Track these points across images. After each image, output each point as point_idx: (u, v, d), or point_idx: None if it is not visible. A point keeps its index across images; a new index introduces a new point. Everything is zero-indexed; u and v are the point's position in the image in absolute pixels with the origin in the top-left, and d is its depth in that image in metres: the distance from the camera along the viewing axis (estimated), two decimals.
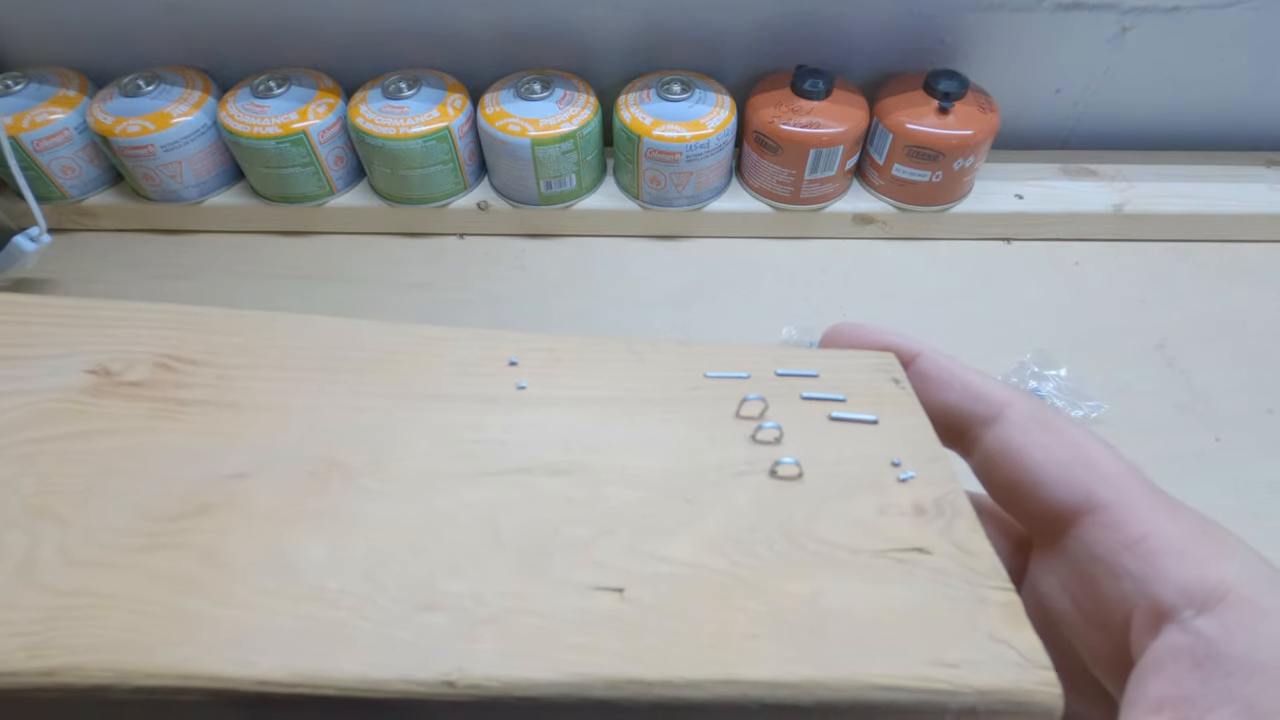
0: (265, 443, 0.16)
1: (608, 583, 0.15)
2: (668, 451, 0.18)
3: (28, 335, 0.17)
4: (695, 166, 0.61)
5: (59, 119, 0.60)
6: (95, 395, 0.17)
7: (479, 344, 0.19)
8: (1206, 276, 0.65)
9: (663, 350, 0.20)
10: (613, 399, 0.19)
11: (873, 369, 0.20)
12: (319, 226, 0.67)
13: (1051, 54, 0.65)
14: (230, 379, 0.18)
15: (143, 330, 0.18)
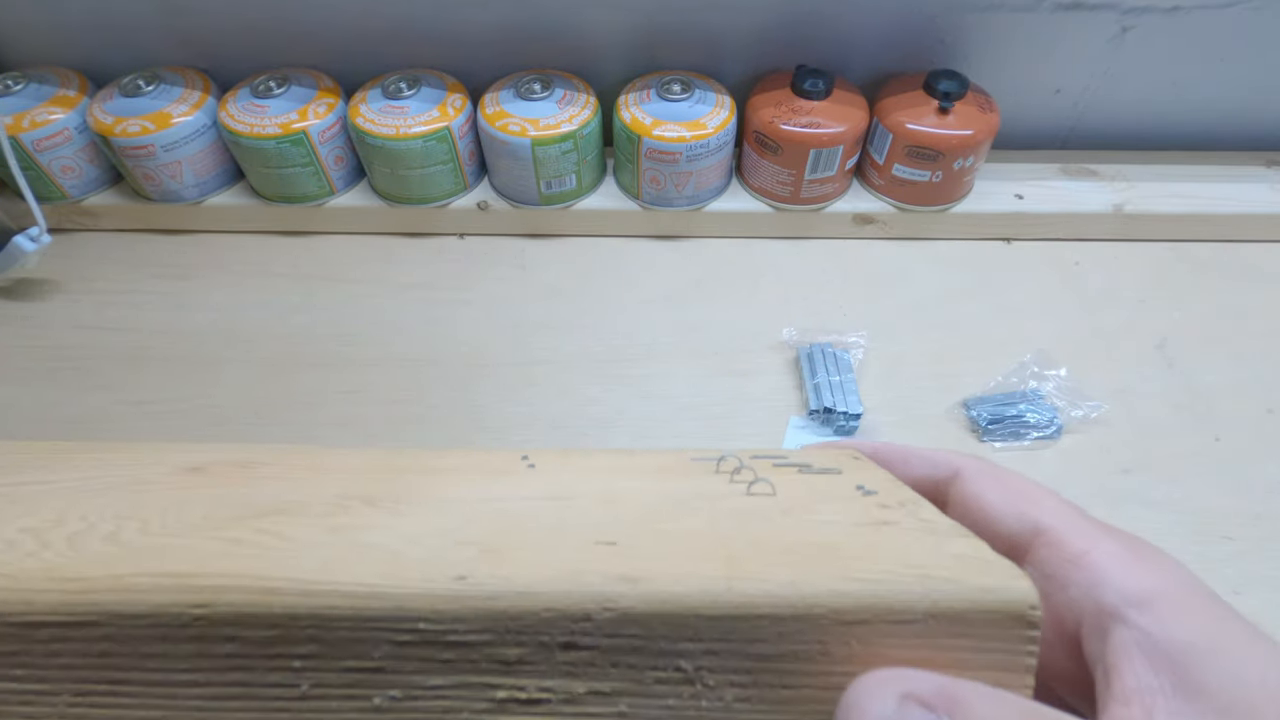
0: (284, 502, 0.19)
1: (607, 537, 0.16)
2: (653, 489, 0.20)
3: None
4: (695, 166, 0.61)
5: (59, 119, 0.60)
6: (192, 473, 0.20)
7: (497, 458, 0.22)
8: (1206, 276, 0.65)
9: (648, 456, 0.23)
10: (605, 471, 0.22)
11: (837, 449, 0.24)
12: (319, 226, 0.67)
13: (1051, 54, 0.65)
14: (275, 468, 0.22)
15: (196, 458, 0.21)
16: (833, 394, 0.54)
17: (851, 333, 0.59)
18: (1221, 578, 0.47)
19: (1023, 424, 0.53)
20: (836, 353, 0.57)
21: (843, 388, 0.54)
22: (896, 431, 0.54)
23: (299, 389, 0.57)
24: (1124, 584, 0.17)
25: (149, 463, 0.20)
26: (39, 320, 0.61)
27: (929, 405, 0.55)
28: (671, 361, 0.58)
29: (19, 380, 0.57)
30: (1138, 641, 0.16)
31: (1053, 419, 0.53)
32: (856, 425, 0.54)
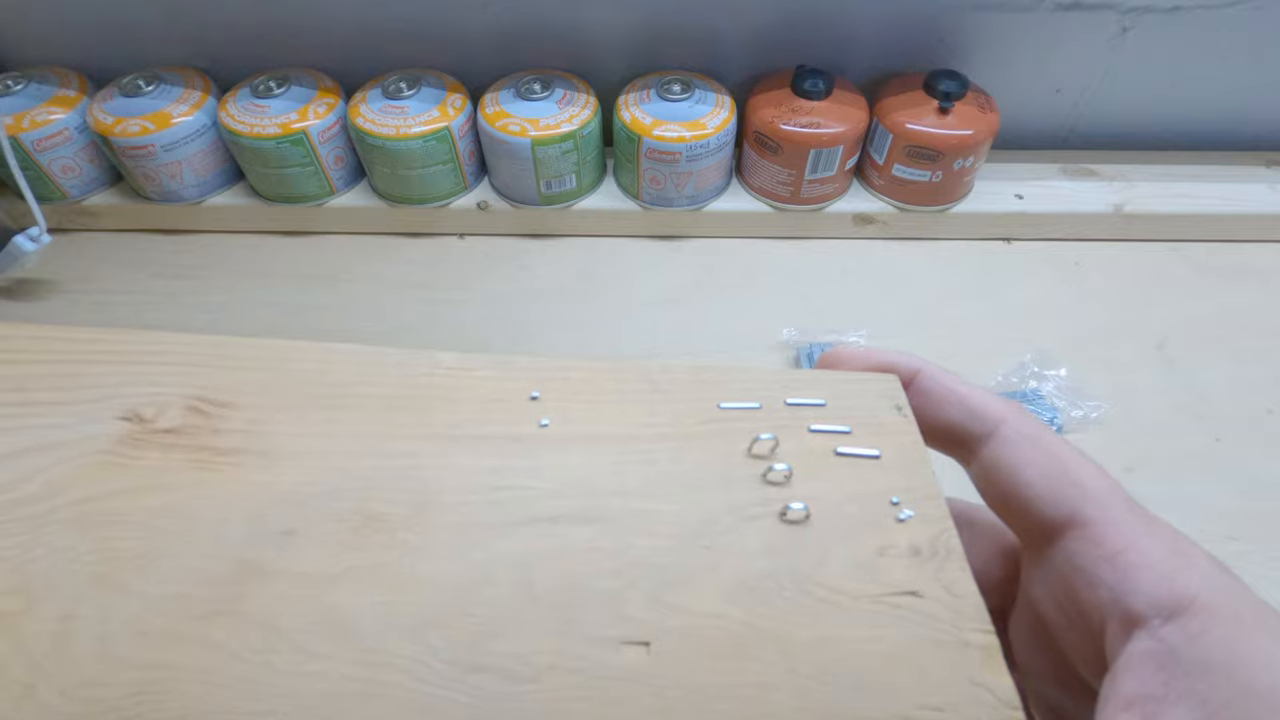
0: (304, 495, 0.17)
1: (635, 637, 0.16)
2: (684, 493, 0.18)
3: (55, 377, 0.17)
4: (695, 166, 0.61)
5: (59, 119, 0.60)
6: (133, 446, 0.17)
7: (497, 375, 0.19)
8: (1206, 276, 0.65)
9: (677, 378, 0.20)
10: (631, 435, 0.19)
11: (876, 395, 0.21)
12: (319, 226, 0.67)
13: (1051, 54, 0.65)
14: (260, 422, 0.18)
15: (168, 366, 0.18)
16: None
17: (851, 333, 0.59)
18: None
19: None
20: None
21: None
22: None
23: None
24: (1155, 591, 0.16)
25: None
26: (39, 320, 0.61)
27: None
28: (671, 361, 0.58)
29: None
30: (1154, 652, 0.16)
31: (1053, 419, 0.53)
32: None
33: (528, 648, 0.15)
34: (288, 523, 0.16)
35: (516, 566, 0.16)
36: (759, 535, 0.18)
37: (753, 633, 0.16)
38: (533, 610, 0.16)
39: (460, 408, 0.19)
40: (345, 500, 0.17)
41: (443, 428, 0.18)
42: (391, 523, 0.16)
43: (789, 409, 0.20)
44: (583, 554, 0.17)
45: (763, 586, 0.17)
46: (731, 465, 0.19)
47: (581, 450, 0.18)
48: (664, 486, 0.18)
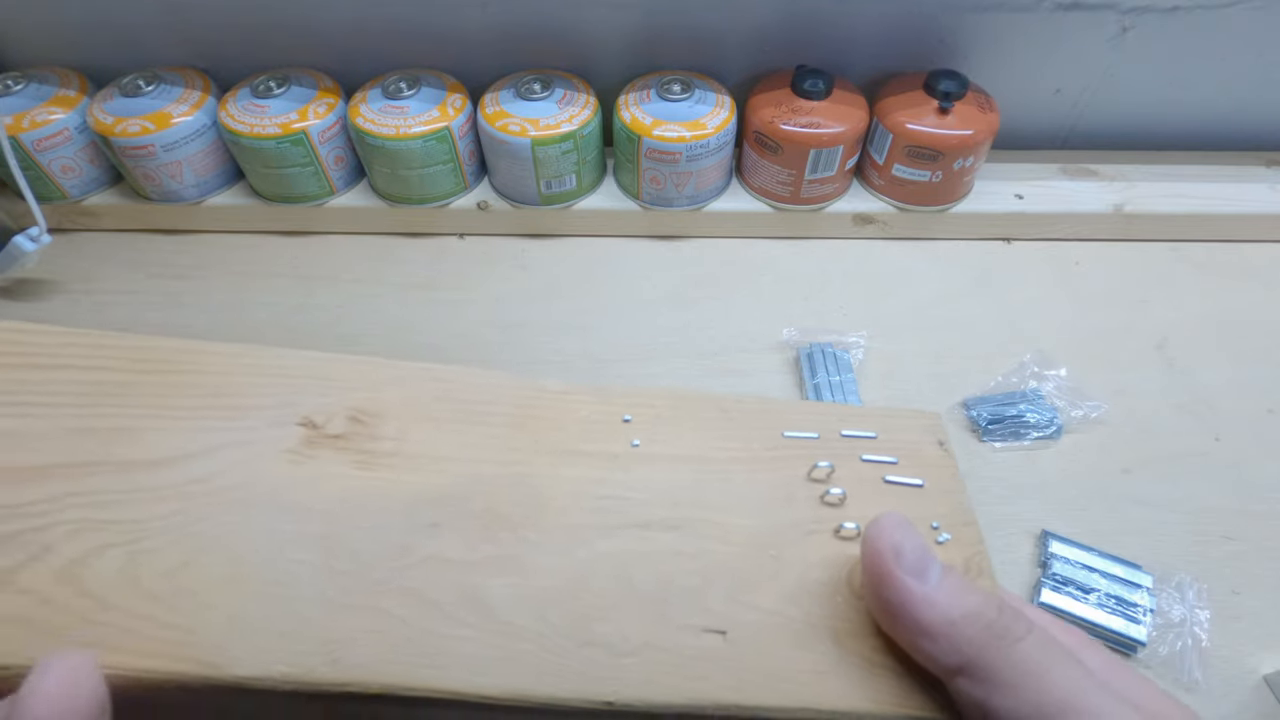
0: (445, 495, 0.20)
1: (714, 626, 0.19)
2: (754, 509, 0.21)
3: (246, 387, 0.21)
4: (695, 166, 0.61)
5: (59, 119, 0.60)
6: (309, 446, 0.20)
7: (596, 402, 0.23)
8: (1206, 276, 0.65)
9: (747, 409, 0.24)
10: (708, 457, 0.22)
11: (922, 430, 0.24)
12: (319, 226, 0.67)
13: (1051, 54, 0.65)
14: (406, 432, 0.21)
15: (331, 382, 0.22)
16: (833, 394, 0.54)
17: (851, 333, 0.59)
18: (1221, 578, 0.47)
19: (1023, 424, 0.53)
20: (836, 353, 0.57)
21: (843, 388, 0.54)
22: None
23: None
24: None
25: None
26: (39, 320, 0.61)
27: (929, 405, 0.55)
28: (671, 361, 0.58)
29: None
30: None
31: (1053, 419, 0.53)
32: None
33: (627, 629, 0.19)
34: (434, 517, 0.20)
35: (616, 563, 0.20)
36: (817, 548, 0.21)
37: (809, 628, 0.19)
38: (631, 599, 0.19)
39: (566, 428, 0.22)
40: (477, 501, 0.20)
41: (552, 444, 0.22)
42: (514, 521, 0.20)
43: (844, 440, 0.24)
44: (670, 556, 0.20)
45: (819, 592, 0.20)
46: (793, 487, 0.22)
47: (667, 468, 0.22)
48: (737, 502, 0.21)
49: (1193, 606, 0.45)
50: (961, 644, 0.18)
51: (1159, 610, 0.45)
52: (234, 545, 0.18)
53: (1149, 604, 0.45)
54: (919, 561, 0.18)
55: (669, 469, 0.22)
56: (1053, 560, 0.47)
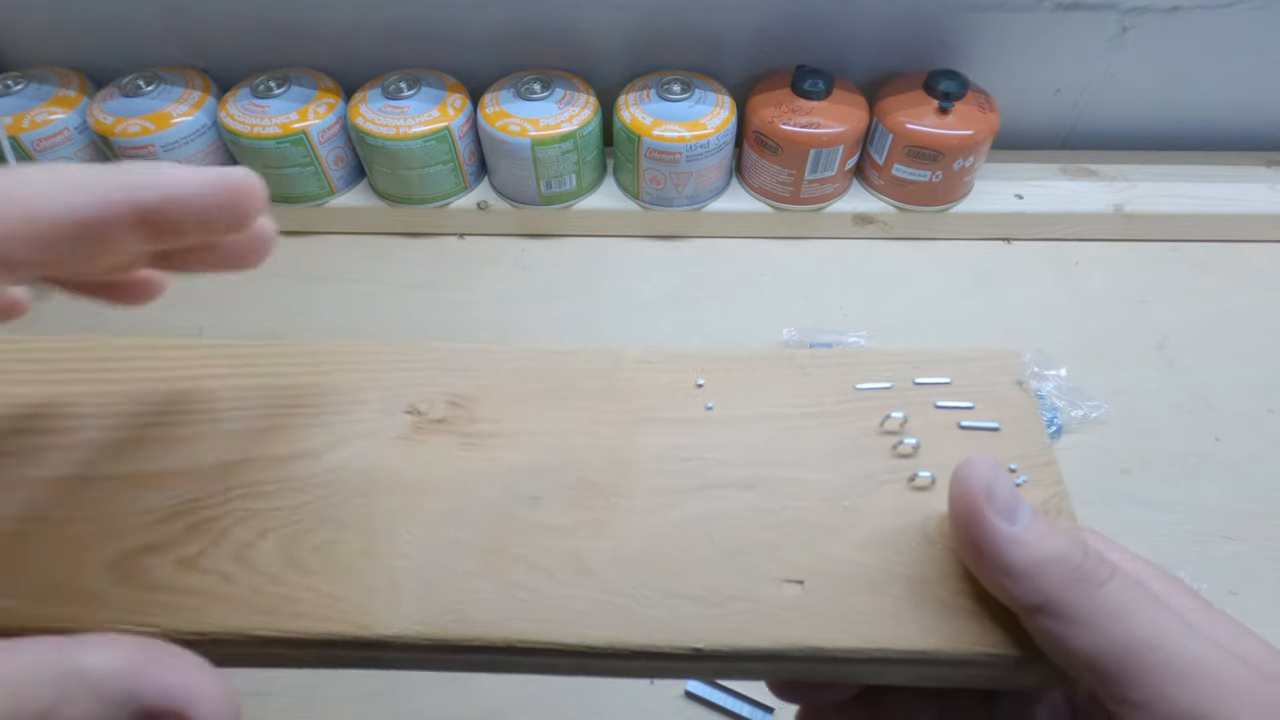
0: (541, 468, 0.22)
1: (792, 576, 0.21)
2: (827, 463, 0.22)
3: (359, 381, 0.24)
4: (695, 166, 0.61)
5: (59, 119, 0.60)
6: (418, 432, 0.23)
7: (673, 367, 0.24)
8: (1206, 276, 0.65)
9: (821, 362, 0.25)
10: (781, 414, 0.23)
11: (998, 370, 0.24)
12: (319, 226, 0.67)
13: (1051, 54, 0.65)
14: (503, 413, 0.23)
15: (431, 371, 0.24)
16: None
17: (851, 333, 0.59)
18: (1221, 578, 0.47)
19: None
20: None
21: None
22: None
23: None
24: None
25: None
26: (39, 320, 0.61)
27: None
28: None
29: None
30: None
31: (1053, 419, 0.53)
32: None
33: (712, 583, 0.20)
34: (533, 490, 0.22)
35: (700, 523, 0.21)
36: (891, 498, 0.22)
37: (885, 575, 0.21)
38: (714, 556, 0.21)
39: (647, 395, 0.24)
40: (570, 473, 0.22)
41: (636, 412, 0.23)
42: (605, 489, 0.22)
43: (917, 388, 0.24)
44: (748, 513, 0.22)
45: (894, 540, 0.21)
46: (866, 439, 0.23)
47: (743, 428, 0.23)
48: (810, 458, 0.23)
49: None
50: (1045, 585, 0.18)
51: None
52: (367, 524, 0.21)
53: None
54: (1009, 503, 0.19)
55: (744, 430, 0.23)
56: None
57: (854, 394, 0.24)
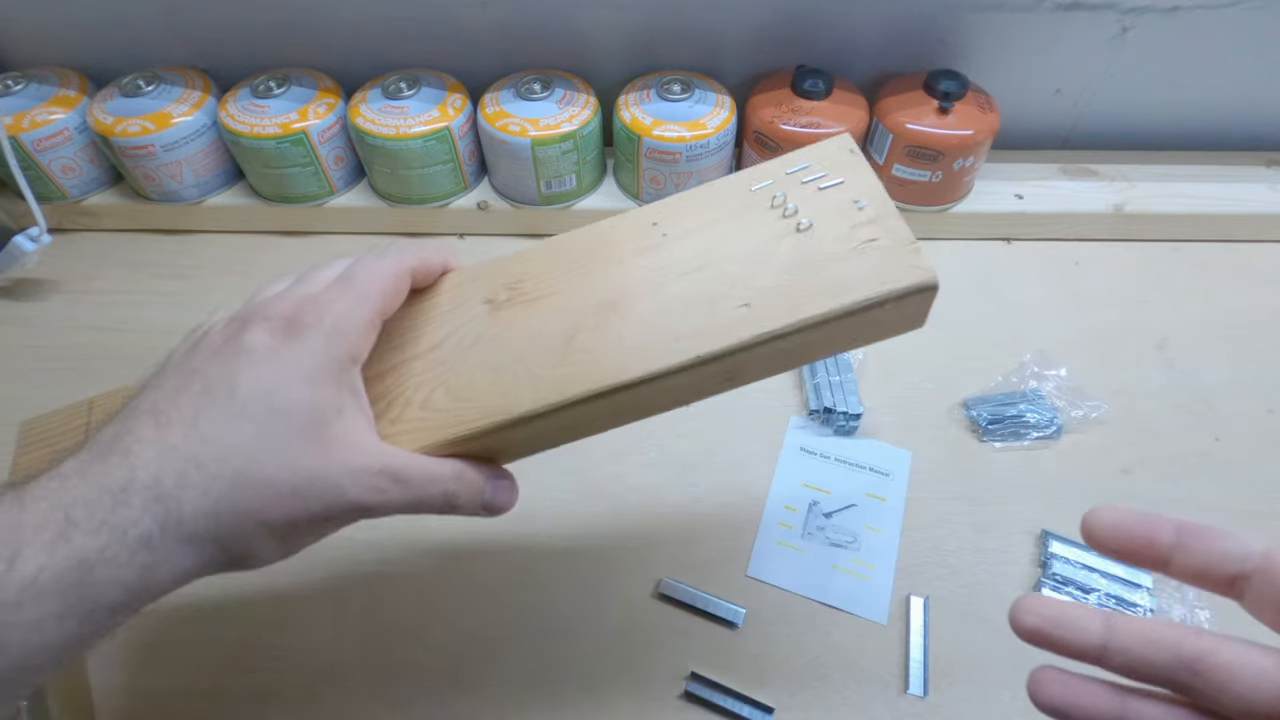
0: (577, 306, 0.33)
1: (743, 302, 0.32)
2: (745, 238, 0.34)
3: (456, 294, 0.35)
4: (695, 166, 0.61)
5: (59, 119, 0.60)
6: (496, 310, 0.34)
7: (638, 218, 0.36)
8: (1206, 276, 0.65)
9: (722, 183, 0.36)
10: (710, 221, 0.35)
11: (836, 149, 0.36)
12: (319, 226, 0.67)
13: (1051, 54, 0.65)
14: (541, 284, 0.35)
15: (488, 276, 0.36)
16: (833, 394, 0.54)
17: None
18: None
19: (1023, 424, 0.53)
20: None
21: (843, 388, 0.54)
22: (896, 432, 0.54)
23: None
24: None
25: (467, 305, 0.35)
26: (39, 320, 0.61)
27: (929, 405, 0.55)
28: None
29: (19, 380, 0.57)
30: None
31: (1053, 419, 0.53)
32: (856, 425, 0.53)
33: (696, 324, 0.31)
34: (575, 315, 0.33)
35: (679, 296, 0.33)
36: (790, 242, 0.33)
37: (796, 285, 0.32)
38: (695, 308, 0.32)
39: (626, 238, 0.35)
40: (593, 298, 0.33)
41: (620, 255, 0.34)
42: (616, 302, 0.33)
43: (788, 175, 0.35)
44: (706, 281, 0.33)
45: (798, 264, 0.32)
46: (765, 215, 0.34)
47: (688, 239, 0.34)
48: (733, 237, 0.34)
49: (1193, 606, 0.45)
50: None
51: (1159, 610, 0.45)
52: (488, 363, 0.33)
53: (1149, 604, 0.45)
54: None
55: (689, 239, 0.34)
56: (1053, 560, 0.47)
57: (751, 193, 0.35)
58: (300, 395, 0.27)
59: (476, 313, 0.34)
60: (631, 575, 0.47)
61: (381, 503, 0.28)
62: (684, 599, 0.46)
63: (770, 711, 0.42)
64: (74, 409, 0.42)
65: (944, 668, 0.44)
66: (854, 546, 0.49)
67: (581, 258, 0.35)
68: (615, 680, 0.44)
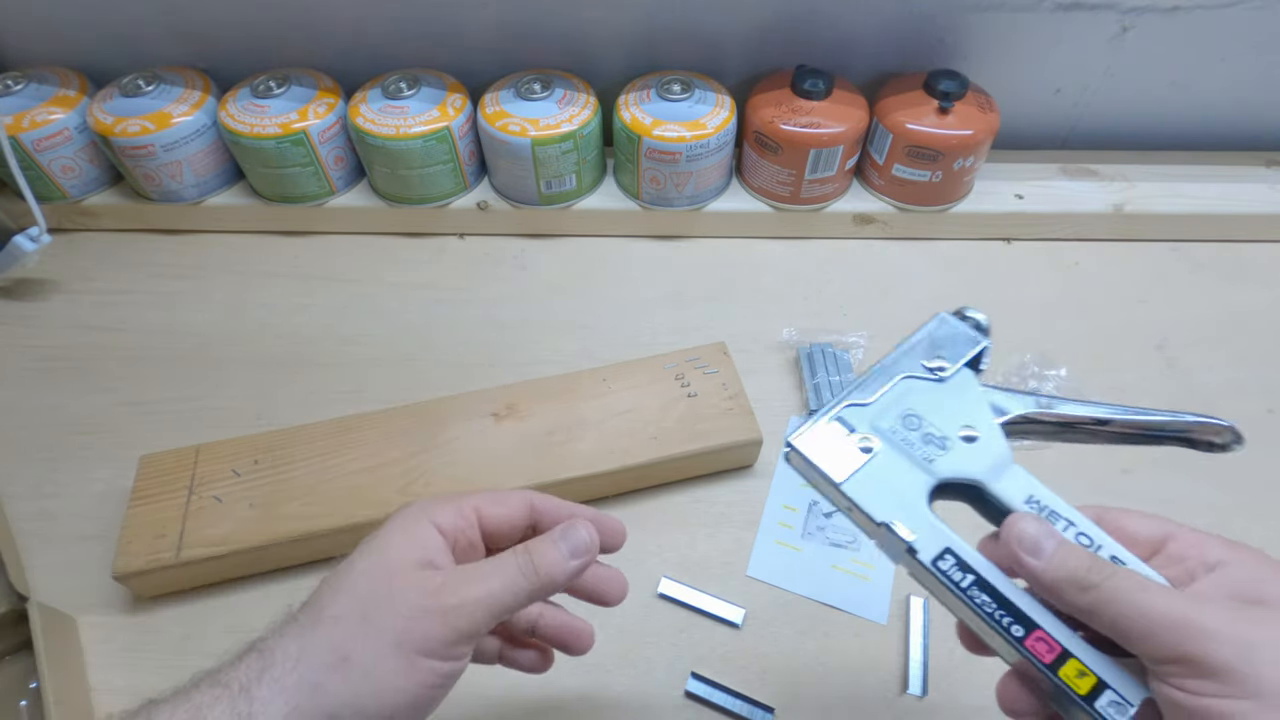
0: (550, 425, 0.50)
1: (653, 435, 0.50)
2: (656, 397, 0.51)
3: (470, 407, 0.51)
4: (695, 166, 0.61)
5: (59, 119, 0.60)
6: (497, 420, 0.50)
7: (591, 377, 0.52)
8: (1206, 276, 0.65)
9: (649, 360, 0.53)
10: (638, 385, 0.52)
11: (716, 350, 0.54)
12: (319, 226, 0.67)
13: (1051, 54, 0.65)
14: (531, 407, 0.51)
15: (493, 398, 0.51)
16: (833, 394, 0.54)
17: (851, 333, 0.59)
18: None
19: None
20: (836, 353, 0.57)
21: (843, 388, 0.54)
22: None
23: (299, 389, 0.57)
24: (1220, 552, 0.26)
25: None
26: (39, 320, 0.61)
27: None
28: None
29: (19, 380, 0.57)
30: (1216, 581, 0.25)
31: None
32: None
33: (626, 444, 0.49)
34: (548, 432, 0.50)
35: (616, 426, 0.50)
36: (684, 403, 0.51)
37: (685, 429, 0.50)
38: (623, 433, 0.50)
39: (582, 388, 0.52)
40: (561, 425, 0.50)
41: (582, 395, 0.52)
42: (575, 428, 0.50)
43: (688, 361, 0.53)
44: (632, 421, 0.50)
45: (687, 417, 0.50)
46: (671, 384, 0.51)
47: (621, 394, 0.52)
48: (652, 398, 0.51)
49: None
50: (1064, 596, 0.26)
51: None
52: (479, 460, 0.48)
53: None
54: (1035, 544, 0.27)
55: (621, 394, 0.51)
56: None
57: (664, 370, 0.52)
58: None
59: (483, 423, 0.50)
60: (631, 575, 0.47)
61: None
62: (684, 599, 0.46)
63: (770, 711, 0.42)
64: (183, 453, 0.48)
65: (944, 668, 0.44)
66: (854, 547, 0.49)
67: (558, 393, 0.51)
68: (615, 680, 0.44)
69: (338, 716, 0.25)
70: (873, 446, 0.30)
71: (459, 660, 0.28)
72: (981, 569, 0.28)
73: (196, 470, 0.47)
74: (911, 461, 0.30)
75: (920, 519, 0.29)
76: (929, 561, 0.28)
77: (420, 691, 0.27)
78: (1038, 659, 0.26)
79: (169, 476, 0.47)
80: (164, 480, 0.47)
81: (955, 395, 0.32)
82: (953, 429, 0.31)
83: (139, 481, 0.47)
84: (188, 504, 0.46)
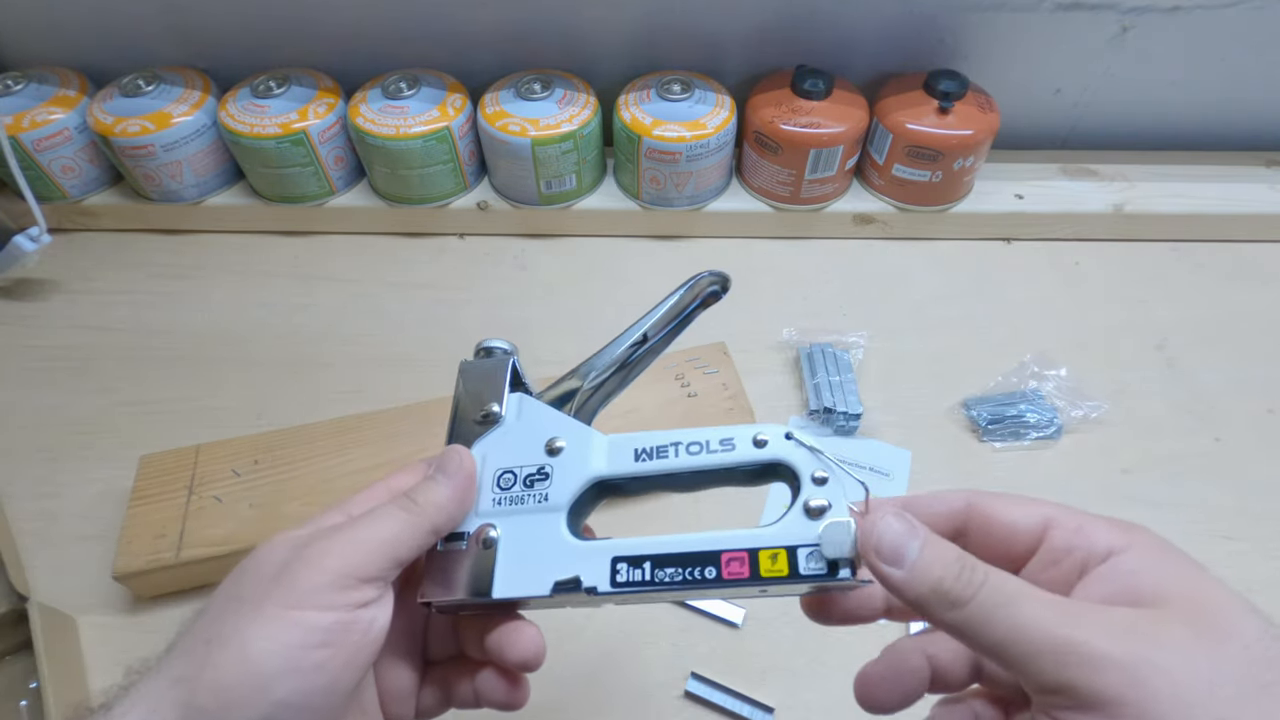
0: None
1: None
2: (660, 397, 0.51)
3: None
4: (695, 166, 0.61)
5: (59, 119, 0.60)
6: None
7: None
8: (1206, 276, 0.65)
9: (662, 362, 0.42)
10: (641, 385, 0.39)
11: (717, 350, 0.54)
12: (319, 226, 0.67)
13: (1051, 54, 0.65)
14: None
15: None
16: (833, 394, 0.54)
17: (851, 333, 0.59)
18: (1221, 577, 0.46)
19: (1023, 424, 0.53)
20: (836, 353, 0.57)
21: (843, 388, 0.54)
22: (896, 431, 0.54)
23: (299, 389, 0.57)
24: (1109, 540, 0.23)
25: None
26: (39, 320, 0.61)
27: (929, 405, 0.55)
28: None
29: (19, 380, 0.57)
30: (1104, 578, 0.22)
31: (1053, 419, 0.53)
32: (856, 425, 0.53)
33: None
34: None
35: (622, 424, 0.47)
36: (684, 403, 0.51)
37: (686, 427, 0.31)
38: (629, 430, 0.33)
39: None
40: None
41: None
42: None
43: (689, 362, 0.53)
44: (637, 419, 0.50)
45: (687, 414, 0.50)
46: (672, 385, 0.52)
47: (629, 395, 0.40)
48: (655, 397, 0.52)
49: None
50: (931, 611, 0.22)
51: None
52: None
53: None
54: (895, 551, 0.23)
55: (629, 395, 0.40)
56: None
57: (666, 370, 0.52)
58: None
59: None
60: None
61: None
62: None
63: (770, 711, 0.42)
64: (183, 453, 0.48)
65: None
66: None
67: None
68: (615, 680, 0.44)
69: (201, 707, 0.22)
70: (493, 534, 0.27)
71: (339, 611, 0.24)
72: (650, 549, 0.26)
73: (196, 470, 0.47)
74: (533, 513, 0.28)
75: (575, 554, 0.27)
76: (610, 586, 0.26)
77: (296, 653, 0.23)
78: (741, 580, 0.25)
79: (169, 476, 0.47)
80: (164, 480, 0.47)
81: (522, 424, 0.30)
82: (539, 454, 0.29)
83: (139, 481, 0.47)
84: (188, 504, 0.46)
